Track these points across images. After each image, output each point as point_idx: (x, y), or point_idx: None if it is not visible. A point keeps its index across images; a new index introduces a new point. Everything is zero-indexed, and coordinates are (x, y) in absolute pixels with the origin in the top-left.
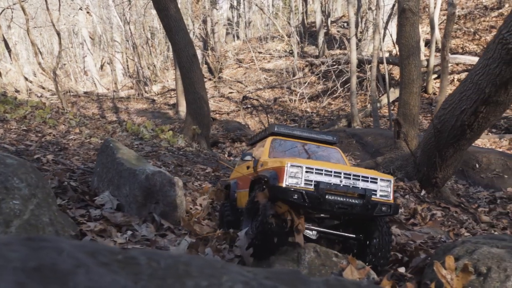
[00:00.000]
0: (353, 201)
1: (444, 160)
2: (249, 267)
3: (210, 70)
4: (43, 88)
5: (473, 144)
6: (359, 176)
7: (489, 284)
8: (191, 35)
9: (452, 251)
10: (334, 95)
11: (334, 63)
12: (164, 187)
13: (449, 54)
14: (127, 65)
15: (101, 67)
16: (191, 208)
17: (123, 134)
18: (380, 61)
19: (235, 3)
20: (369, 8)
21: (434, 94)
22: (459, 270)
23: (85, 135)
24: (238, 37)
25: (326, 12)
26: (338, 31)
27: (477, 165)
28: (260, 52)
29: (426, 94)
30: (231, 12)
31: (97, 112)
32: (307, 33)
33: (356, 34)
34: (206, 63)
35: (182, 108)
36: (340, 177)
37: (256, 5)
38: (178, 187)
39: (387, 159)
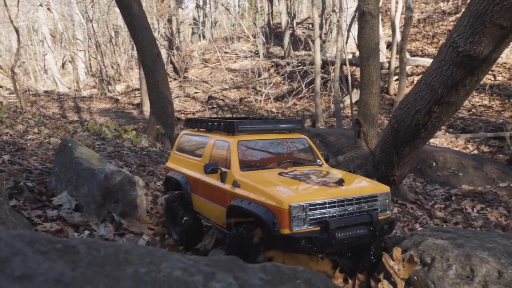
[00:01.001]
0: (361, 231)
1: (401, 158)
2: (191, 256)
3: (175, 70)
4: (1, 86)
5: (431, 144)
6: (361, 199)
7: (433, 273)
8: (156, 34)
9: (400, 244)
10: (299, 96)
11: (299, 64)
12: (124, 187)
13: (410, 56)
14: (90, 64)
15: (63, 65)
16: (152, 208)
17: (85, 134)
18: (343, 63)
19: (201, 3)
20: (333, 10)
21: (395, 95)
22: (406, 261)
23: (44, 135)
24: (204, 37)
25: (292, 14)
26: (303, 33)
27: (434, 164)
28: (226, 52)
29: (387, 95)
30: (197, 12)
31: (58, 112)
32: (273, 34)
33: (320, 36)
34: (172, 62)
35: (147, 108)
36: (343, 205)
37: (222, 5)
38: (138, 187)
39: (347, 158)
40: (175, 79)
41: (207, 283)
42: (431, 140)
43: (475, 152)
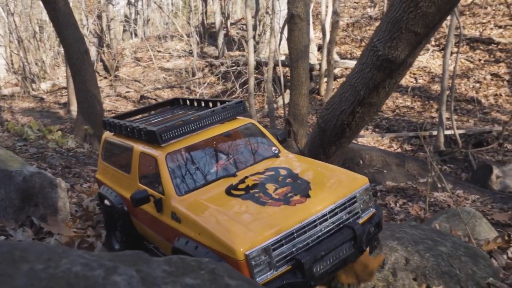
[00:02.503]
0: (344, 252)
1: (328, 157)
2: (95, 252)
3: (105, 68)
4: None
5: (358, 143)
6: (336, 209)
7: None
8: (84, 30)
9: None
10: (233, 96)
11: (233, 64)
12: (45, 189)
13: (339, 59)
14: (11, 60)
15: None
16: (76, 211)
17: (4, 135)
18: (276, 64)
19: (132, 0)
20: (267, 12)
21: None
22: None
23: None
24: (136, 35)
25: (226, 14)
26: (237, 33)
27: (361, 162)
28: (159, 51)
29: (318, 96)
30: (128, 9)
31: None
32: (207, 34)
33: (254, 37)
34: (102, 60)
35: (74, 108)
36: (316, 226)
37: (155, 2)
38: (60, 189)
39: None
40: (105, 77)
41: (108, 277)
42: (359, 140)
43: (399, 150)
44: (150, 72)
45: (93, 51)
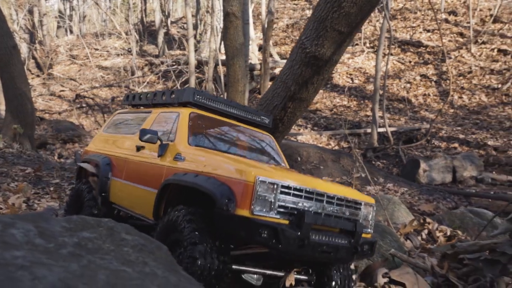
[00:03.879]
0: (339, 241)
1: None
2: None
3: (38, 66)
4: None
5: (298, 141)
6: (343, 200)
7: None
8: (14, 25)
9: None
10: None
11: (174, 63)
12: None
13: (279, 59)
14: None
15: None
16: (1, 208)
17: None
18: (218, 63)
19: None
20: (207, 11)
21: None
22: None
23: None
24: (71, 32)
25: (166, 12)
26: (178, 32)
27: (299, 158)
28: (96, 49)
29: (259, 96)
30: (63, 4)
31: None
32: (147, 32)
33: (195, 36)
34: (34, 57)
35: (2, 106)
36: (322, 201)
37: None
38: None
39: None
40: (38, 75)
41: (5, 230)
42: (299, 138)
43: (336, 147)
44: (87, 70)
45: (24, 48)
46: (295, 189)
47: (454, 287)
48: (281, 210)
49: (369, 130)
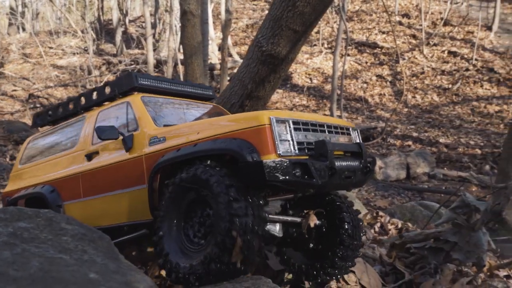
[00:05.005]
0: (354, 163)
1: None
2: None
3: None
4: None
5: None
6: (343, 128)
7: None
8: None
9: None
10: None
11: (132, 63)
12: None
13: (239, 58)
14: None
15: None
16: None
17: None
18: (177, 62)
19: None
20: (166, 10)
21: None
22: None
23: None
24: (24, 29)
25: (124, 10)
26: (136, 31)
27: None
28: (50, 47)
29: (218, 94)
30: (14, 1)
31: None
32: (104, 31)
33: (154, 35)
34: None
35: None
36: (332, 132)
37: None
38: None
39: None
40: None
41: None
42: None
43: None
44: (41, 69)
45: None
46: (302, 123)
47: (401, 275)
48: (299, 146)
49: None
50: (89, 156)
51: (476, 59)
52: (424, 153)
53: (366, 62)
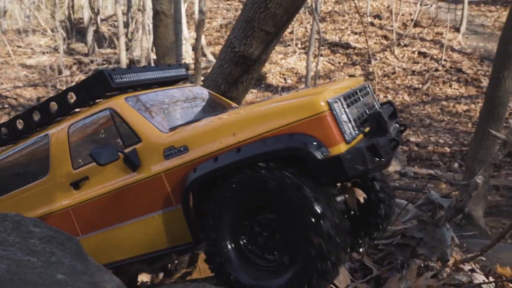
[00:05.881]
0: (395, 124)
1: None
2: None
3: None
4: None
5: None
6: (363, 89)
7: None
8: None
9: None
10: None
11: (105, 62)
12: None
13: (214, 59)
14: None
15: None
16: None
17: None
18: (150, 62)
19: None
20: (139, 9)
21: None
22: None
23: None
24: None
25: (95, 9)
26: (108, 30)
27: None
28: (19, 46)
29: None
30: None
31: None
32: (75, 29)
33: (126, 34)
34: None
35: None
36: (360, 99)
37: None
38: None
39: None
40: None
41: None
42: None
43: None
44: (9, 69)
45: None
46: (348, 97)
47: (370, 271)
48: (354, 124)
49: None
50: (76, 184)
51: (445, 60)
52: (396, 152)
53: (339, 62)
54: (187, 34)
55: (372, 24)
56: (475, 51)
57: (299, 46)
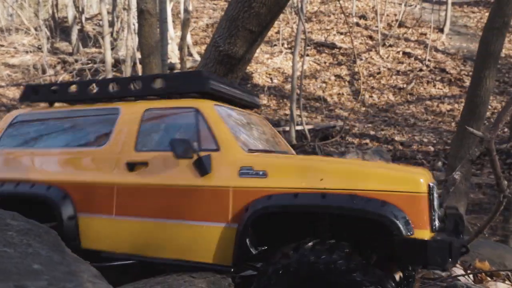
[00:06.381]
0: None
1: None
2: None
3: None
4: None
5: None
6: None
7: None
8: None
9: None
10: None
11: (90, 62)
12: None
13: (199, 57)
14: None
15: None
16: None
17: None
18: (135, 61)
19: None
20: (124, 8)
21: None
22: None
23: None
24: None
25: (80, 8)
26: (93, 29)
27: None
28: (1, 45)
29: None
30: None
31: None
32: (59, 28)
33: (112, 33)
34: None
35: None
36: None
37: None
38: None
39: None
40: None
41: None
42: None
43: None
44: None
45: None
46: (436, 187)
47: None
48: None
49: (287, 128)
50: (132, 165)
51: (429, 60)
52: (381, 150)
53: (325, 62)
54: (173, 34)
55: (357, 24)
56: (458, 52)
57: (285, 46)
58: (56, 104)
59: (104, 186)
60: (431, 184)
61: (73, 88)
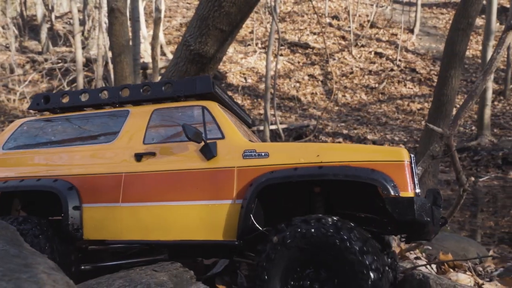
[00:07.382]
0: None
1: None
2: None
3: None
4: None
5: None
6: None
7: None
8: None
9: None
10: None
11: (60, 61)
12: None
13: (172, 56)
14: None
15: None
16: None
17: None
18: (107, 61)
19: None
20: (96, 7)
21: None
22: None
23: None
24: None
25: (50, 6)
26: (64, 27)
27: None
28: None
29: None
30: None
31: None
32: (27, 27)
33: (83, 32)
34: None
35: None
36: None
37: None
38: None
39: None
40: None
41: None
42: None
43: None
44: None
45: None
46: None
47: None
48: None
49: (261, 128)
50: (140, 156)
51: (400, 60)
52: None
53: (299, 62)
54: (146, 33)
55: (330, 24)
56: (428, 52)
57: (259, 45)
58: None
59: (111, 176)
60: (412, 155)
61: (85, 96)
